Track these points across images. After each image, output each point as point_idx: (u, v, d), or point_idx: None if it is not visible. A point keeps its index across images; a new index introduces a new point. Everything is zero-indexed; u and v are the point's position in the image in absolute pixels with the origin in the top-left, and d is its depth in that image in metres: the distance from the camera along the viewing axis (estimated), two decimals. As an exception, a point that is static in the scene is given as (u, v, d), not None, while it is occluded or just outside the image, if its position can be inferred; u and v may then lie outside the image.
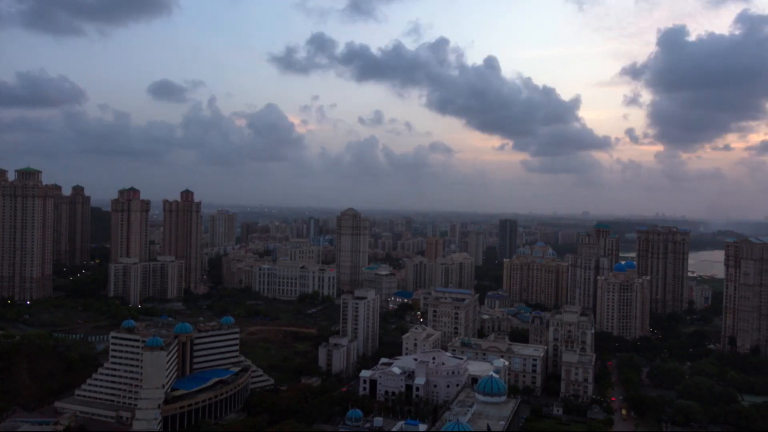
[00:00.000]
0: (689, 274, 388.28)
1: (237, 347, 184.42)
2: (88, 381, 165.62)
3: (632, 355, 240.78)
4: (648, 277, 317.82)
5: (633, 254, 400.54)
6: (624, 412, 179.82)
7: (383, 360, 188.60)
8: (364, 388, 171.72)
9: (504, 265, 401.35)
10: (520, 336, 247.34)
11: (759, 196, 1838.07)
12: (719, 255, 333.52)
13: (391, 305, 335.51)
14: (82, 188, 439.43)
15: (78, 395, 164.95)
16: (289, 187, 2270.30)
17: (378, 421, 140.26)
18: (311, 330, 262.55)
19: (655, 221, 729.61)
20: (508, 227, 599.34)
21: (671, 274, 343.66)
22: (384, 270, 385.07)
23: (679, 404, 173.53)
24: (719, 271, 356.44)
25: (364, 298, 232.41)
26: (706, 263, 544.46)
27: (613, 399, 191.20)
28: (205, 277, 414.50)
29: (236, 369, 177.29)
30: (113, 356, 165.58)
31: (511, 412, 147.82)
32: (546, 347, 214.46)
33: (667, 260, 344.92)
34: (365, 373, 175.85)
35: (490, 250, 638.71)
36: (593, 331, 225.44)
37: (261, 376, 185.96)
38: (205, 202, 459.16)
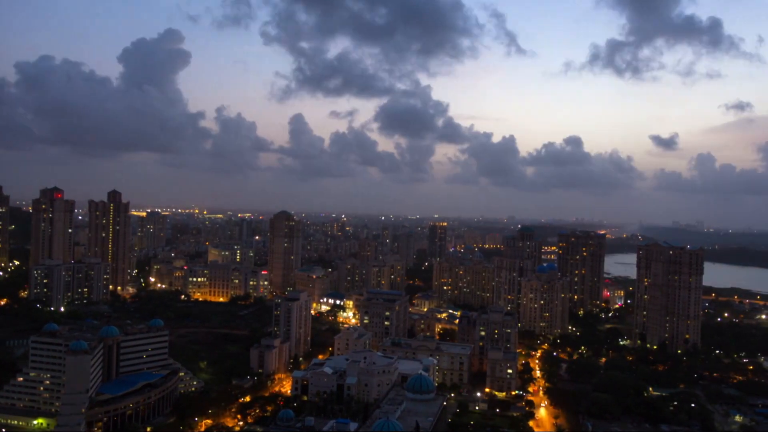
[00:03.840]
0: (605, 275, 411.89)
1: (166, 350, 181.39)
2: (5, 387, 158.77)
3: (553, 351, 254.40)
4: (568, 278, 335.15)
5: (554, 256, 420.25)
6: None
7: (315, 360, 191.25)
8: (296, 389, 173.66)
9: (433, 267, 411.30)
10: (448, 335, 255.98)
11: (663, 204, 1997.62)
12: (632, 257, 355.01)
13: (323, 306, 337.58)
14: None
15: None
16: (222, 187, 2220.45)
17: (309, 420, 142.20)
18: (243, 332, 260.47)
19: (575, 225, 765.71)
20: (437, 231, 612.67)
21: (589, 275, 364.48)
22: (317, 272, 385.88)
23: (594, 397, 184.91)
24: (632, 273, 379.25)
25: (297, 299, 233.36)
26: (621, 265, 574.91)
27: (533, 389, 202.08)
28: (133, 279, 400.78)
29: (165, 372, 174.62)
30: (33, 361, 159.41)
31: (439, 408, 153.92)
32: (473, 345, 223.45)
33: (585, 262, 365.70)
34: (297, 374, 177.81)
35: (421, 253, 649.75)
36: (517, 329, 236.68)
37: (191, 378, 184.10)
38: (135, 203, 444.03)
